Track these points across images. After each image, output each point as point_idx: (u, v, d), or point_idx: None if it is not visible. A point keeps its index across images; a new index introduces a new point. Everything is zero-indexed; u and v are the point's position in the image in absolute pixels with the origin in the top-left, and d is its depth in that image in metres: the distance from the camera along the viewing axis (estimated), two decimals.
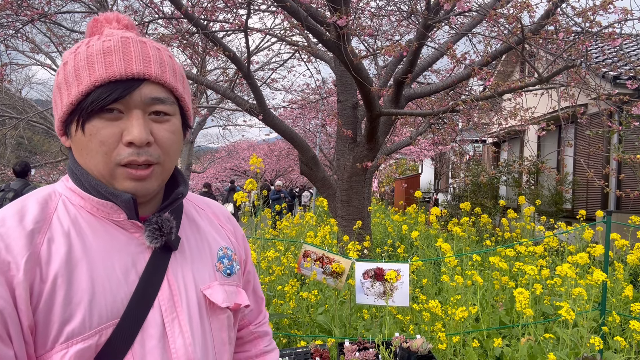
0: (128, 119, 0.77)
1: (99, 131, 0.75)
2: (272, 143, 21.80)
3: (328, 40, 3.98)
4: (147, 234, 0.81)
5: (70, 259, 0.73)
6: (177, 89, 0.83)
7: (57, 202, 0.79)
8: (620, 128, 4.27)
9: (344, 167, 5.68)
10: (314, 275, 3.15)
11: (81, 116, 0.76)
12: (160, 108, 0.80)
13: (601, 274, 2.60)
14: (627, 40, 9.16)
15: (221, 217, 1.03)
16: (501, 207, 8.87)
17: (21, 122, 9.96)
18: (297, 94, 10.53)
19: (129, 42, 0.78)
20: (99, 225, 0.79)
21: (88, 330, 0.71)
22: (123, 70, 0.75)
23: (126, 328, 0.75)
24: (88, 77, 0.75)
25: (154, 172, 0.80)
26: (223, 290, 0.89)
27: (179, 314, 0.81)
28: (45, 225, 0.74)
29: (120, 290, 0.76)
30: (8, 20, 5.71)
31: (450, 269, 3.39)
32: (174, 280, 0.83)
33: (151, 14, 6.42)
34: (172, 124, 0.82)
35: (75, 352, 0.70)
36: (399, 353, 2.14)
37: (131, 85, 0.76)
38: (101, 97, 0.74)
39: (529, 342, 2.55)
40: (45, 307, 0.70)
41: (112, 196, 0.78)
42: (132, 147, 0.76)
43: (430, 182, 21.66)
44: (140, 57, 0.78)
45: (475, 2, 3.82)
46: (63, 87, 0.78)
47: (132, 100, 0.76)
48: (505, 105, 7.77)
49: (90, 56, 0.76)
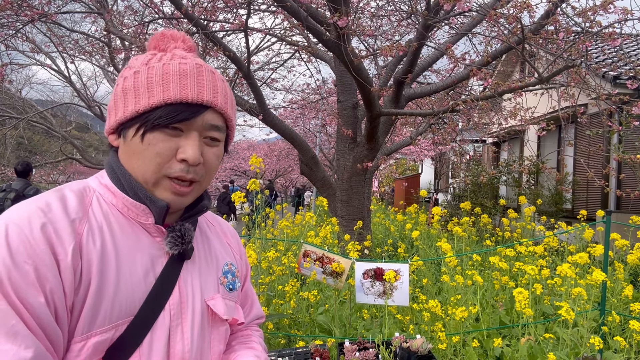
0: (186, 138, 0.83)
1: (158, 143, 0.81)
2: (272, 143, 21.80)
3: (328, 40, 3.98)
4: (168, 239, 0.86)
5: (104, 253, 0.77)
6: (232, 120, 0.91)
7: (91, 197, 0.83)
8: (620, 128, 4.27)
9: (344, 167, 5.68)
10: (314, 275, 3.15)
11: (144, 125, 0.81)
12: (215, 135, 0.87)
13: (601, 274, 2.60)
14: (627, 40, 9.16)
15: (229, 234, 1.10)
16: (501, 207, 8.87)
17: (21, 122, 9.96)
18: (297, 94, 10.53)
19: (202, 70, 0.85)
20: (127, 224, 0.84)
21: (107, 324, 0.75)
22: (195, 96, 0.82)
23: (138, 326, 0.79)
24: (161, 93, 0.81)
25: (194, 189, 0.87)
26: (224, 304, 0.95)
27: (184, 320, 0.86)
28: (84, 216, 0.79)
29: (139, 289, 0.80)
30: (8, 20, 5.71)
31: (451, 268, 3.39)
32: (183, 288, 0.88)
33: (151, 14, 6.42)
34: (219, 149, 0.90)
35: (94, 344, 0.74)
36: (399, 353, 2.14)
37: (198, 110, 0.83)
38: (170, 114, 0.80)
39: (529, 342, 2.55)
40: (82, 294, 0.74)
41: (149, 200, 0.84)
42: (184, 164, 0.82)
43: (431, 182, 21.65)
44: (211, 87, 0.85)
45: (475, 2, 3.82)
46: (130, 94, 0.83)
47: (194, 123, 0.83)
48: (506, 105, 7.77)
49: (166, 74, 0.82)
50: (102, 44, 8.24)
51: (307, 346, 2.50)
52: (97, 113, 11.90)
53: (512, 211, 5.41)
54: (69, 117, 16.92)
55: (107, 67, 10.85)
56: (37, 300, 0.69)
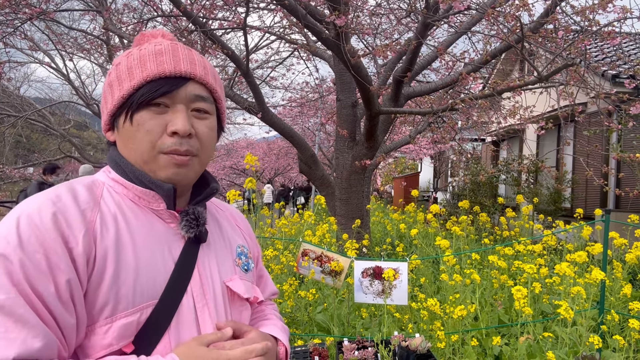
0: (173, 112, 0.85)
1: (146, 122, 0.84)
2: (271, 141, 21.76)
3: (327, 39, 3.97)
4: (184, 223, 0.88)
5: (119, 239, 0.79)
6: (217, 91, 0.93)
7: (102, 189, 0.85)
8: (619, 127, 4.26)
9: (343, 166, 5.68)
10: (312, 274, 3.15)
11: (130, 108, 0.84)
12: (202, 106, 0.89)
13: (600, 273, 2.59)
14: (626, 39, 9.15)
15: (237, 218, 1.13)
16: (500, 205, 8.87)
17: (20, 120, 9.95)
18: (296, 92, 10.52)
19: (177, 46, 0.89)
20: (141, 212, 0.86)
21: (131, 307, 0.77)
22: (172, 69, 0.85)
23: (164, 310, 0.81)
24: (140, 73, 0.84)
25: (192, 162, 0.88)
26: (243, 284, 0.98)
27: (208, 301, 0.88)
28: (95, 206, 0.80)
29: (159, 274, 0.83)
30: (7, 18, 5.70)
31: (449, 267, 3.39)
32: (202, 270, 0.90)
33: (150, 12, 6.40)
34: (210, 121, 0.91)
35: (119, 327, 0.76)
36: (398, 352, 2.14)
37: (178, 82, 0.85)
38: (152, 90, 0.83)
39: (528, 340, 2.55)
40: (96, 281, 0.76)
41: (154, 186, 0.86)
42: (175, 137, 0.84)
43: (430, 181, 21.64)
44: (187, 60, 0.88)
45: (474, 1, 3.81)
46: (115, 84, 0.86)
47: (178, 96, 0.85)
48: (505, 104, 7.76)
49: (143, 57, 0.86)
50: (100, 42, 8.22)
51: (305, 345, 2.50)
52: (95, 111, 11.88)
53: (510, 210, 5.41)
54: (68, 115, 16.88)
55: (105, 65, 10.83)
56: (48, 290, 0.70)
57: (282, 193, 20.93)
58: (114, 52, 8.05)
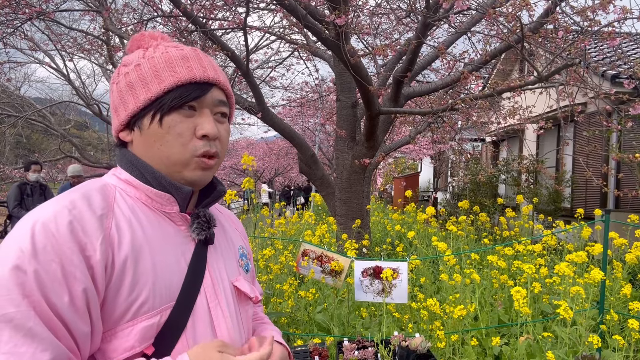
0: (200, 116, 0.88)
1: (177, 124, 0.86)
2: (271, 141, 21.78)
3: (327, 39, 3.97)
4: (195, 226, 0.91)
5: (135, 244, 0.80)
6: (232, 97, 0.98)
7: (114, 193, 0.85)
8: (618, 127, 4.27)
9: (343, 166, 5.68)
10: (312, 273, 3.15)
11: (160, 110, 0.85)
12: (223, 110, 0.93)
13: (599, 273, 2.59)
14: (625, 40, 9.15)
15: (234, 219, 1.17)
16: (500, 205, 8.87)
17: (20, 120, 9.95)
18: (296, 92, 10.52)
19: (199, 53, 0.92)
20: (152, 215, 0.87)
21: (151, 310, 0.79)
22: (202, 74, 0.88)
23: (180, 311, 0.83)
24: (171, 77, 0.86)
25: (215, 164, 0.92)
26: (247, 283, 1.01)
27: (220, 301, 0.91)
28: (110, 212, 0.81)
29: (174, 276, 0.84)
30: (7, 18, 5.70)
31: (449, 267, 3.39)
32: (212, 271, 0.92)
33: (150, 12, 6.40)
34: (227, 125, 0.96)
35: (141, 329, 0.78)
36: (398, 352, 2.14)
37: (206, 87, 0.89)
38: (183, 94, 0.86)
39: (528, 340, 2.56)
40: (115, 286, 0.76)
41: (173, 188, 0.88)
42: (204, 139, 0.87)
43: (430, 181, 21.62)
44: (212, 66, 0.92)
45: (474, 1, 3.81)
46: (138, 85, 0.87)
47: (205, 100, 0.89)
48: (504, 104, 7.76)
49: (169, 60, 0.87)
50: (100, 42, 8.22)
51: (305, 345, 2.50)
52: (95, 111, 11.86)
53: (510, 210, 5.41)
54: (68, 115, 16.85)
55: (105, 65, 10.82)
56: (62, 300, 0.70)
57: (285, 194, 21.87)
58: (114, 52, 8.06)
